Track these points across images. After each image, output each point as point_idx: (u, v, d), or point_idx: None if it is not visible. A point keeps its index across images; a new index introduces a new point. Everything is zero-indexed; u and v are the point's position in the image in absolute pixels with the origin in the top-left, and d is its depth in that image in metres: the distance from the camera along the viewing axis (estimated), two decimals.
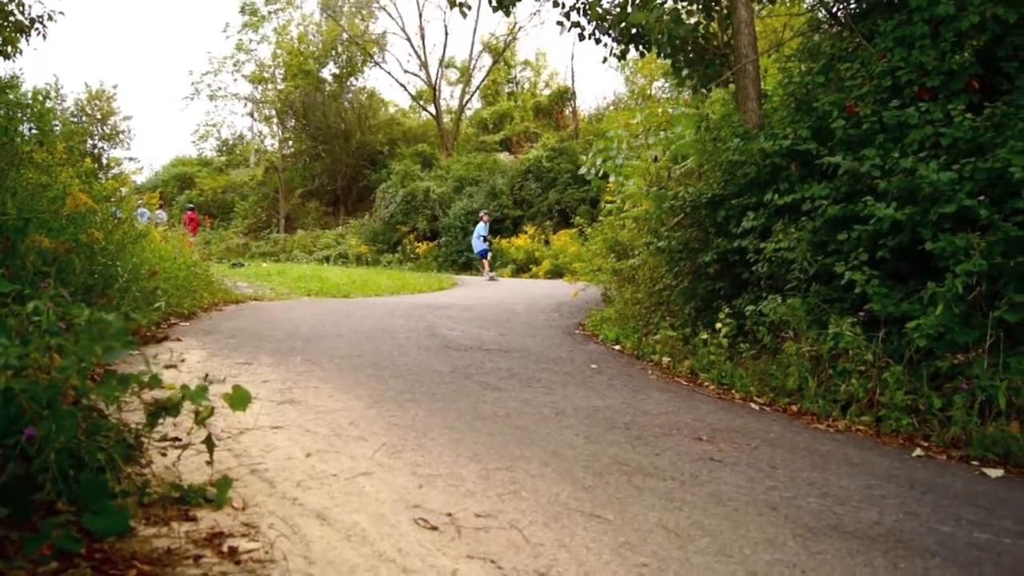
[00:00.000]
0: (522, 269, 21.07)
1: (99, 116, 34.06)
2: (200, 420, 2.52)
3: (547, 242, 21.63)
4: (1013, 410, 3.79)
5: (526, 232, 22.85)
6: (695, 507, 2.72)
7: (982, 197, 4.30)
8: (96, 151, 32.75)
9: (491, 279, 18.15)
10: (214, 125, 38.29)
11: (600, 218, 10.80)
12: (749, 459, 3.45)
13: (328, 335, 6.75)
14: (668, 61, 8.16)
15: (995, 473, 3.46)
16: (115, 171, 28.63)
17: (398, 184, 27.39)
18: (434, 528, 2.38)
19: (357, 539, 2.24)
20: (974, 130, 4.63)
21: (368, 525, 2.35)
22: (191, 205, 20.50)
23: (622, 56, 8.34)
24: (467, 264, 23.12)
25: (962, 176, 4.44)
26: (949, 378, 4.13)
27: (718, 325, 5.60)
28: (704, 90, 8.13)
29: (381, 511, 2.49)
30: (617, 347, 6.93)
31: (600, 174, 10.66)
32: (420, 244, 25.31)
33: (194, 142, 44.10)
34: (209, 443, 2.51)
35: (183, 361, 4.71)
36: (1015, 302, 4.03)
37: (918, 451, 3.78)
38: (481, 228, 19.33)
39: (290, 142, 35.24)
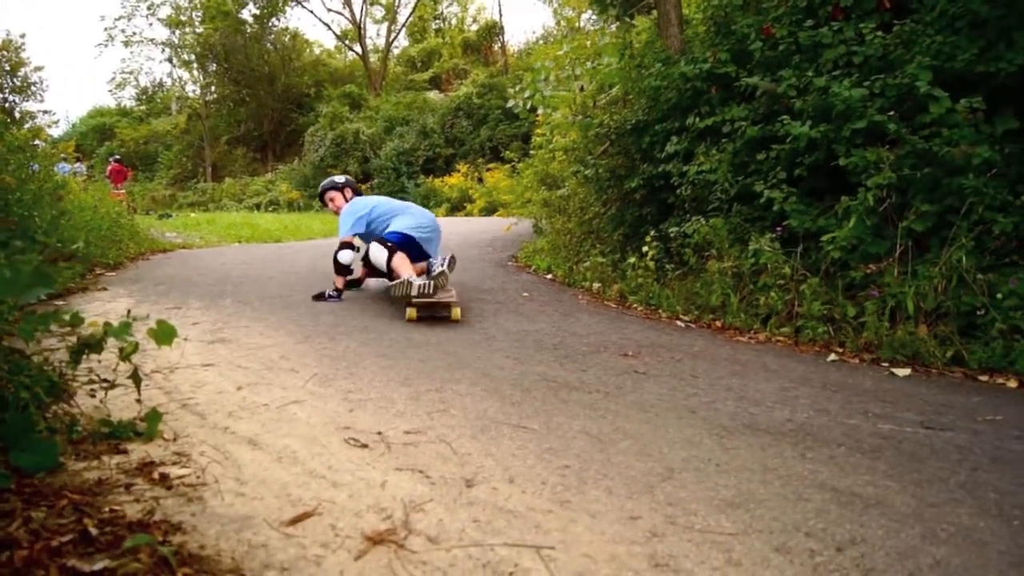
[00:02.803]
0: (456, 208, 20.98)
1: (7, 68, 32.43)
2: (125, 356, 2.49)
3: (480, 180, 21.54)
4: (920, 314, 3.98)
5: (459, 171, 22.69)
6: (618, 415, 2.83)
7: (892, 112, 4.43)
8: (7, 105, 31.29)
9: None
10: (131, 73, 36.90)
11: (531, 152, 10.81)
12: (672, 371, 3.58)
13: (259, 278, 6.69)
14: None
15: (903, 372, 3.66)
16: (29, 125, 27.39)
17: (327, 127, 26.85)
18: (364, 446, 2.43)
19: (288, 460, 2.27)
20: (884, 48, 4.75)
21: (299, 447, 2.39)
22: (116, 156, 19.75)
23: None
24: None
25: (873, 93, 4.56)
26: (862, 287, 4.31)
27: (645, 249, 5.71)
28: (627, 17, 8.11)
29: (312, 434, 2.53)
30: (549, 276, 7.03)
31: (528, 107, 10.61)
32: None
33: (111, 91, 42.43)
34: (136, 378, 2.50)
35: (110, 307, 4.64)
36: (922, 212, 4.20)
37: (832, 356, 3.97)
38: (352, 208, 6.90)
39: (213, 88, 34.08)
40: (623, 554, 1.72)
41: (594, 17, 22.93)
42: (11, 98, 32.18)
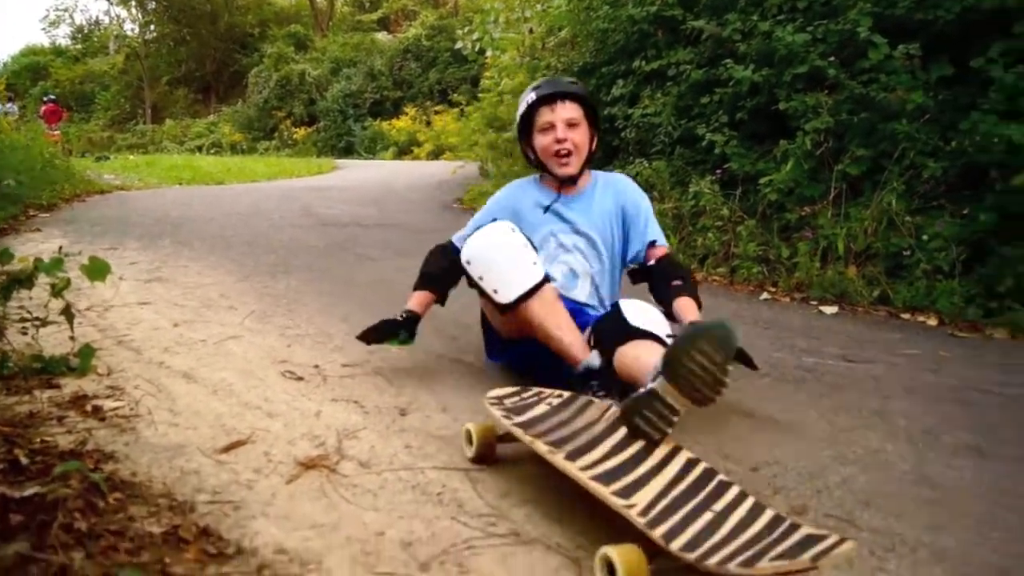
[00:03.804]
0: (404, 151, 20.78)
1: None
2: (57, 292, 2.46)
3: (429, 123, 21.30)
4: (851, 255, 4.11)
5: (407, 114, 22.40)
6: None
7: (832, 58, 4.49)
8: None
9: None
10: (65, 10, 35.44)
11: (480, 95, 10.72)
12: None
13: (199, 219, 6.59)
14: None
15: (830, 310, 3.79)
16: None
17: (271, 68, 26.22)
18: (300, 379, 2.45)
19: (223, 392, 2.29)
20: None
21: (235, 380, 2.40)
22: (51, 96, 19.04)
23: None
24: (348, 148, 22.59)
25: (815, 38, 4.61)
26: (796, 229, 4.43)
27: None
28: None
29: (248, 368, 2.54)
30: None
31: (477, 49, 10.48)
32: (297, 129, 24.51)
33: (44, 29, 40.69)
34: (68, 314, 2.47)
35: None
36: (857, 156, 4.31)
37: (765, 295, 4.09)
38: None
39: (152, 26, 32.93)
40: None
41: None
42: None
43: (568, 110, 2.43)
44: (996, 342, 3.37)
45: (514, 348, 2.45)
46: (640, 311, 2.07)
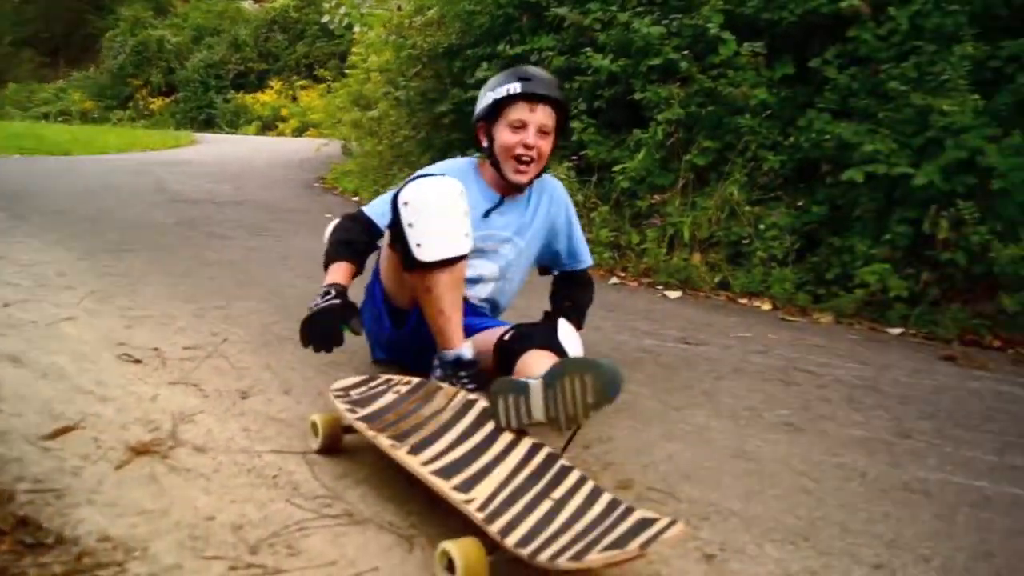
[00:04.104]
0: (268, 127, 20.14)
1: None
2: None
3: (295, 98, 20.71)
4: (695, 243, 4.32)
5: (272, 88, 21.69)
6: None
7: (686, 52, 4.68)
8: None
9: None
10: None
11: (346, 71, 10.52)
12: None
13: (40, 192, 6.20)
14: None
15: (674, 295, 3.98)
16: None
17: (128, 32, 24.76)
18: (138, 361, 2.37)
19: (54, 376, 2.18)
20: None
21: (67, 364, 2.29)
22: None
23: None
24: (208, 121, 21.68)
25: (670, 32, 4.79)
26: (647, 217, 4.61)
27: None
28: None
29: (83, 351, 2.42)
30: (356, 198, 6.98)
31: (344, 24, 10.26)
32: (155, 100, 23.28)
33: None
34: None
35: None
36: (704, 147, 4.52)
37: (614, 279, 4.24)
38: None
39: None
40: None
41: None
42: None
43: (546, 115, 2.23)
44: (822, 326, 3.63)
45: (396, 329, 2.32)
46: (572, 336, 2.08)
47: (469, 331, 2.12)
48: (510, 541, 1.27)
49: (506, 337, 2.06)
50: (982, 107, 3.65)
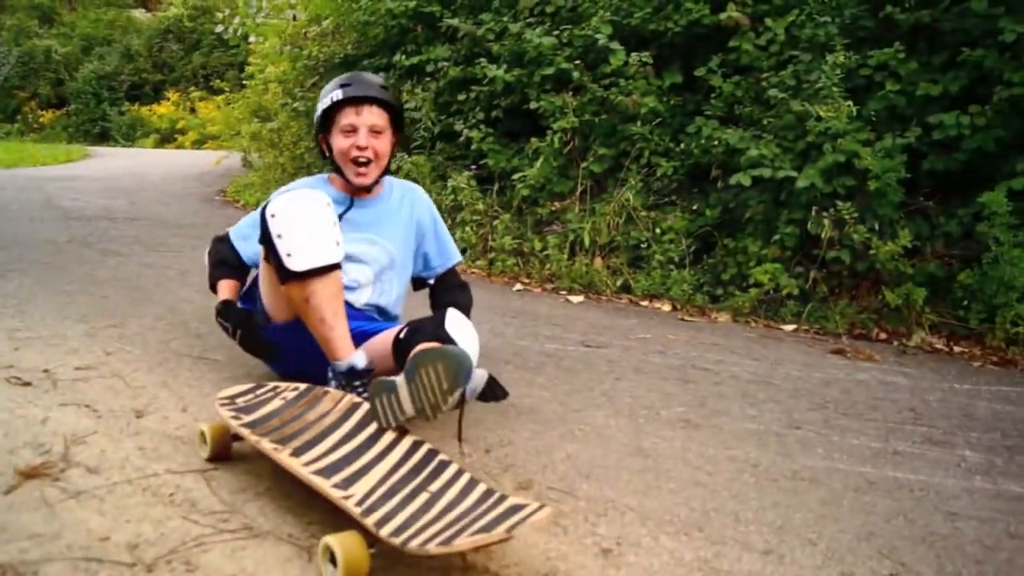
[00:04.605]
0: (166, 139, 19.51)
1: None
2: None
3: (193, 110, 20.12)
4: (596, 247, 4.40)
5: (169, 99, 21.02)
6: None
7: (578, 61, 4.77)
8: None
9: None
10: None
11: (245, 82, 10.31)
12: None
13: None
14: None
15: (577, 299, 4.05)
16: None
17: (11, 42, 23.56)
18: (27, 384, 2.26)
19: None
20: (574, 1, 5.08)
21: None
22: None
23: None
24: (103, 135, 20.85)
25: (562, 42, 4.88)
26: (548, 223, 4.68)
27: None
28: None
29: None
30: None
31: (240, 34, 10.07)
32: (44, 112, 22.22)
33: None
34: None
35: None
36: (600, 155, 4.63)
37: (519, 286, 4.28)
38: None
39: None
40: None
41: None
42: None
43: (374, 116, 2.27)
44: (719, 324, 3.76)
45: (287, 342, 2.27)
46: (461, 324, 2.08)
47: (365, 336, 2.15)
48: (385, 532, 1.30)
49: (401, 335, 2.07)
50: (855, 113, 3.85)
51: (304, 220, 1.97)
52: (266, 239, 2.01)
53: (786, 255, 3.97)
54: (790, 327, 3.72)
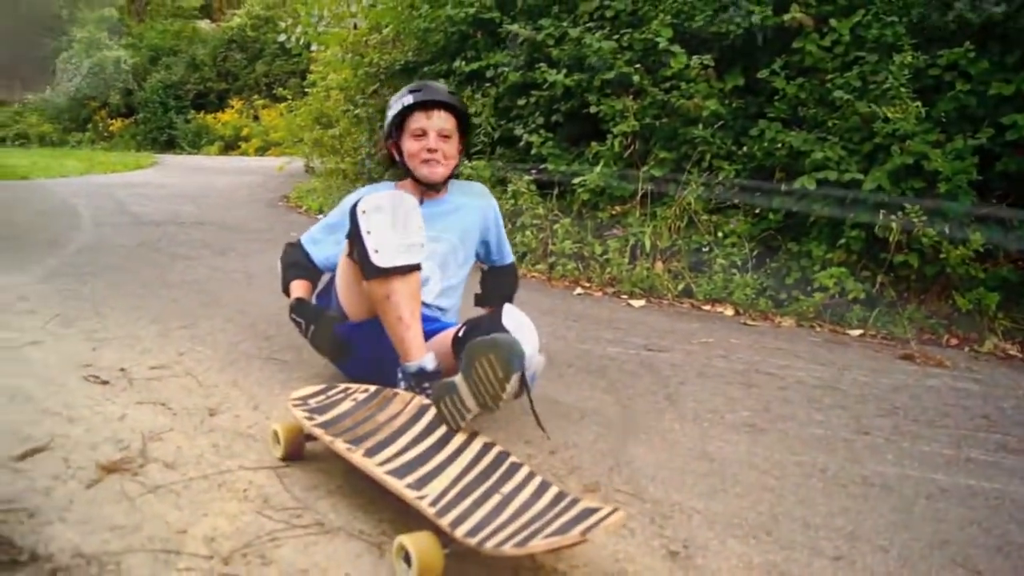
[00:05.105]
0: (230, 147, 19.94)
1: None
2: None
3: (256, 117, 20.53)
4: (656, 252, 4.39)
5: (233, 107, 21.50)
6: None
7: (638, 65, 4.77)
8: None
9: None
10: None
11: (307, 89, 10.52)
12: None
13: None
14: None
15: (638, 304, 4.04)
16: None
17: (83, 54, 24.32)
18: (105, 383, 2.35)
19: (21, 400, 2.16)
20: (634, 4, 5.08)
21: (33, 387, 2.27)
22: None
23: None
24: (170, 142, 21.44)
25: (622, 46, 4.88)
26: (608, 228, 4.67)
27: None
28: None
29: (49, 374, 2.40)
30: (320, 216, 6.95)
31: (302, 43, 10.27)
32: (114, 121, 22.92)
33: None
34: None
35: None
36: (661, 158, 4.60)
37: (579, 290, 4.29)
38: None
39: None
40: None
41: None
42: None
43: (443, 120, 2.38)
44: (783, 329, 3.71)
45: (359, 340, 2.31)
46: (517, 316, 2.06)
47: (427, 337, 2.18)
48: (460, 532, 1.32)
49: (460, 333, 2.10)
50: (924, 114, 3.77)
51: (394, 219, 2.03)
52: (355, 234, 2.05)
53: (852, 259, 3.91)
54: (856, 332, 3.66)
